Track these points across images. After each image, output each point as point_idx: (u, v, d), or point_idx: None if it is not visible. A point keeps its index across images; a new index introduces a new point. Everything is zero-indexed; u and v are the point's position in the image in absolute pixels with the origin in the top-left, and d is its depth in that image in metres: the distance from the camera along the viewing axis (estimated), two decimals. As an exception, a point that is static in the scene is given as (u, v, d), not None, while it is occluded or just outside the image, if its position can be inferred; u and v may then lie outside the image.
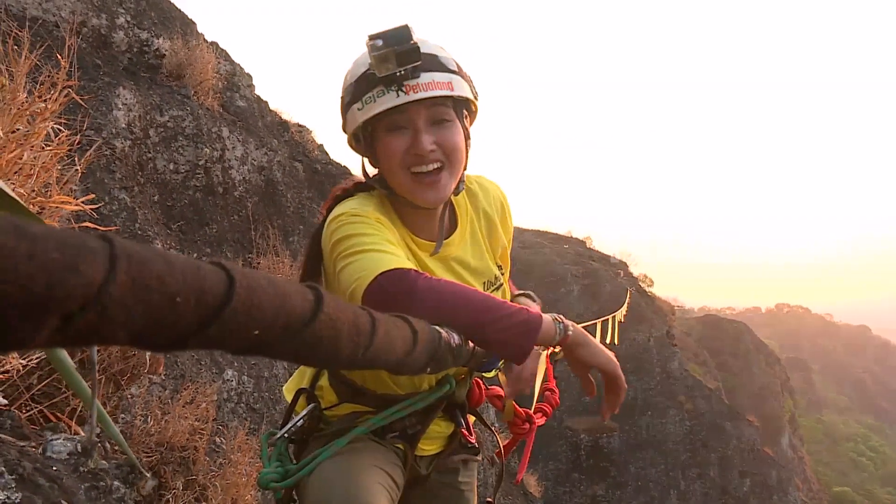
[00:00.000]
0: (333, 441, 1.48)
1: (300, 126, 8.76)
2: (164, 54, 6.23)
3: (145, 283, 0.44)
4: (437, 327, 1.06)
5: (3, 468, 1.88)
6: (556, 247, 28.33)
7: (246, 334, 0.54)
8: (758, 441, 26.54)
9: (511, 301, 1.64)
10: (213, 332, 0.50)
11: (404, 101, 1.40)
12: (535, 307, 1.57)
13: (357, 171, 1.68)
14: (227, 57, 7.77)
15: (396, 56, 1.36)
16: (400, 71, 1.38)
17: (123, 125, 5.11)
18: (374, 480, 1.43)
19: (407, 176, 1.46)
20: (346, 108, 1.49)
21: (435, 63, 1.44)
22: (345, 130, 1.55)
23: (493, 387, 1.79)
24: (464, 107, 1.52)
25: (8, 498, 1.79)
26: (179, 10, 7.37)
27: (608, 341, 9.81)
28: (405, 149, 1.44)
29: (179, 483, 3.07)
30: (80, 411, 2.52)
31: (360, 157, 1.60)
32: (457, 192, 1.58)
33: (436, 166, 1.46)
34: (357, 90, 1.45)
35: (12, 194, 0.81)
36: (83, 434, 2.39)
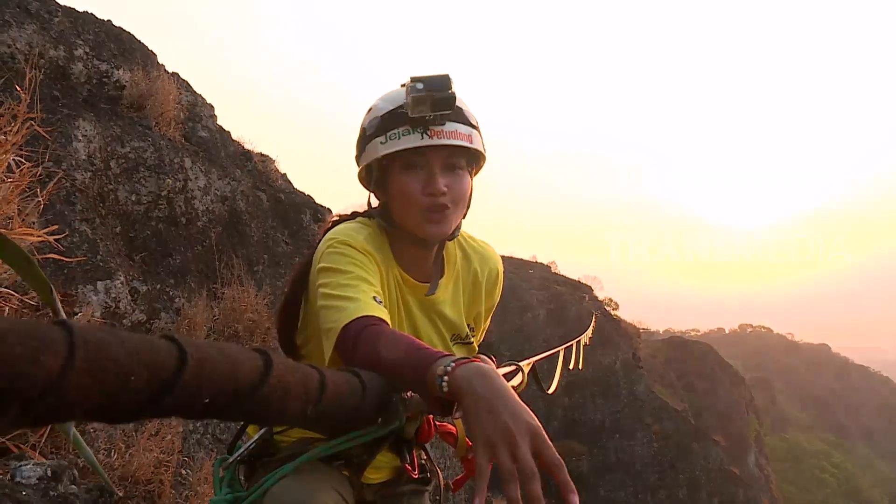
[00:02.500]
0: (280, 467, 1.50)
1: (263, 156, 8.74)
2: (125, 86, 6.20)
3: (101, 366, 0.46)
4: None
5: (-26, 493, 1.87)
6: (521, 272, 28.52)
7: (197, 403, 0.57)
8: (725, 461, 26.78)
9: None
10: (166, 403, 0.53)
11: (427, 143, 1.49)
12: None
13: (321, 200, 1.74)
14: (188, 87, 7.75)
15: (433, 101, 1.45)
16: (430, 115, 1.47)
17: (84, 157, 5.06)
18: (327, 497, 1.47)
19: (416, 211, 1.53)
20: (367, 139, 1.56)
21: (460, 115, 1.53)
22: (358, 161, 1.62)
23: (444, 423, 1.81)
24: (475, 160, 1.62)
25: (-22, 522, 1.78)
26: (140, 42, 7.34)
27: (571, 367, 9.81)
28: (420, 188, 1.52)
29: (144, 518, 3.01)
30: (42, 444, 2.49)
31: (366, 189, 1.66)
32: (452, 236, 1.64)
33: (443, 209, 1.54)
34: (382, 125, 1.53)
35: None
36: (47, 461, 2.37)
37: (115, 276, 4.49)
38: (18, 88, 2.79)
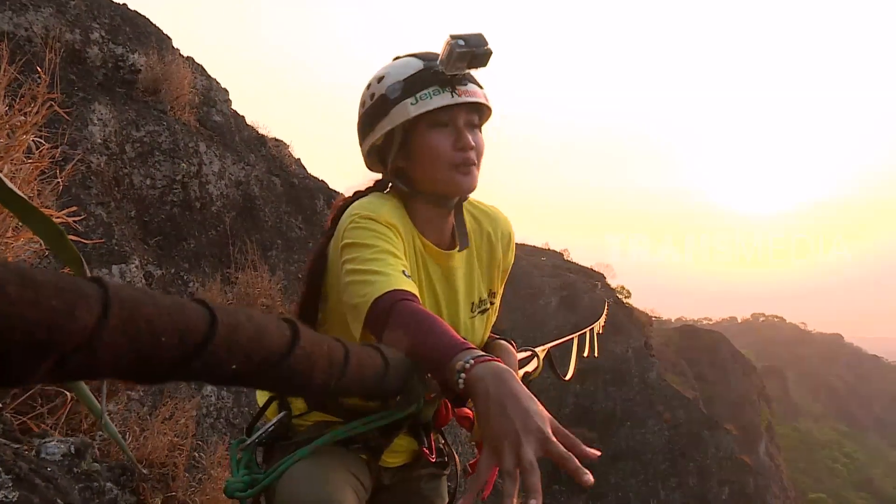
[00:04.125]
0: (298, 450, 1.51)
1: (277, 140, 8.74)
2: (140, 69, 6.21)
3: (135, 325, 0.47)
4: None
5: (0, 468, 1.91)
6: (534, 259, 28.50)
7: (225, 368, 0.57)
8: (735, 449, 26.76)
9: (486, 345, 1.76)
10: (194, 367, 0.54)
11: (458, 101, 1.53)
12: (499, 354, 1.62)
13: (334, 186, 1.73)
14: (203, 72, 7.75)
15: (472, 57, 1.48)
16: (461, 73, 1.52)
17: (99, 141, 5.08)
18: (343, 480, 1.48)
19: (447, 166, 1.56)
20: (391, 104, 1.56)
21: (474, 77, 1.58)
22: (374, 131, 1.60)
23: (461, 408, 1.81)
24: (485, 117, 1.65)
25: (6, 497, 1.85)
26: (155, 26, 7.34)
27: (586, 355, 9.78)
28: (450, 144, 1.55)
29: (158, 500, 3.04)
30: (61, 423, 2.52)
31: (376, 163, 1.67)
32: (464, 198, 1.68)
33: (472, 163, 1.58)
34: (408, 88, 1.54)
35: (14, 189, 0.82)
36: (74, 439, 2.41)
37: (130, 260, 4.51)
38: (39, 70, 2.79)
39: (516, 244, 1.92)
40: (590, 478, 0.95)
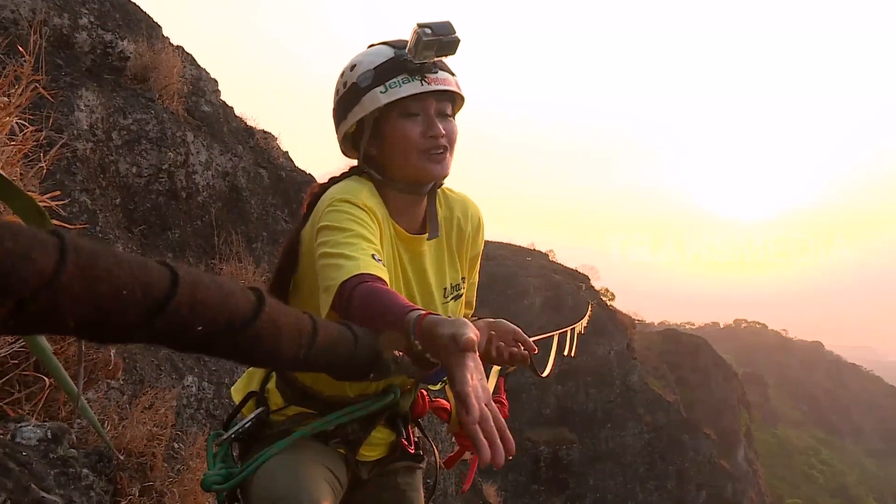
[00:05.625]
0: (275, 443, 1.50)
1: (265, 132, 8.69)
2: (129, 57, 6.15)
3: (94, 275, 0.46)
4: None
5: (-27, 451, 1.88)
6: (519, 259, 28.48)
7: (190, 329, 0.57)
8: (714, 454, 26.93)
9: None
10: (158, 325, 0.53)
11: (427, 89, 1.54)
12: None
13: (322, 180, 1.73)
14: (192, 61, 7.69)
15: (440, 45, 1.49)
16: (433, 60, 1.53)
17: (85, 127, 5.03)
18: (318, 475, 1.48)
19: (417, 155, 1.58)
20: (361, 92, 1.57)
21: (446, 65, 1.60)
22: (346, 119, 1.62)
23: (438, 399, 1.81)
24: (457, 105, 1.67)
25: (-21, 480, 1.80)
26: (145, 13, 7.28)
27: (565, 354, 9.80)
28: (420, 132, 1.57)
29: (136, 489, 3.02)
30: (38, 409, 2.50)
31: (350, 150, 1.69)
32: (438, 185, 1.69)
33: (443, 150, 1.59)
34: (379, 76, 1.55)
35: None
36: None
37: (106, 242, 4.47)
38: (21, 49, 2.76)
39: (501, 243, 1.94)
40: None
